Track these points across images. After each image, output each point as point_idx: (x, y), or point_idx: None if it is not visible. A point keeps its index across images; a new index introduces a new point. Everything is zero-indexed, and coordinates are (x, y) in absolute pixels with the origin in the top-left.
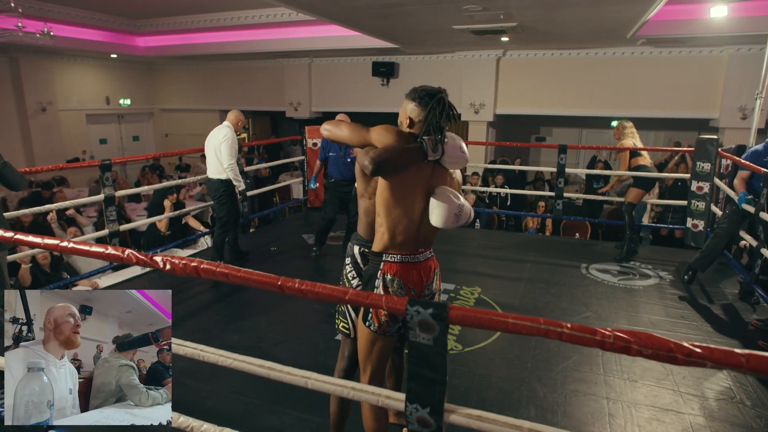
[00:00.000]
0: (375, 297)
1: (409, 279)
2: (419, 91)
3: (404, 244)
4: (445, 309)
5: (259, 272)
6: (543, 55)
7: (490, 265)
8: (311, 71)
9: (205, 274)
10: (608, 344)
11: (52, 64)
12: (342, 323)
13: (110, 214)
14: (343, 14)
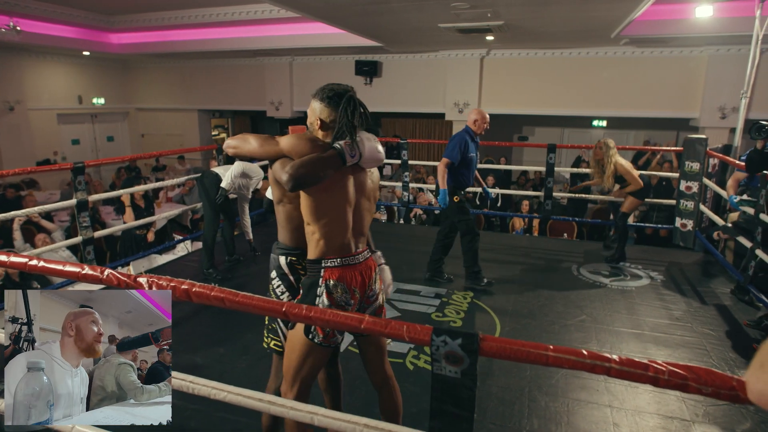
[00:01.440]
0: (395, 327)
1: (352, 282)
2: (327, 91)
3: (342, 248)
4: (475, 340)
5: (260, 297)
6: (527, 54)
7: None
8: (293, 70)
9: (198, 299)
10: (662, 381)
11: (20, 62)
12: (273, 341)
13: (83, 221)
14: (327, 11)
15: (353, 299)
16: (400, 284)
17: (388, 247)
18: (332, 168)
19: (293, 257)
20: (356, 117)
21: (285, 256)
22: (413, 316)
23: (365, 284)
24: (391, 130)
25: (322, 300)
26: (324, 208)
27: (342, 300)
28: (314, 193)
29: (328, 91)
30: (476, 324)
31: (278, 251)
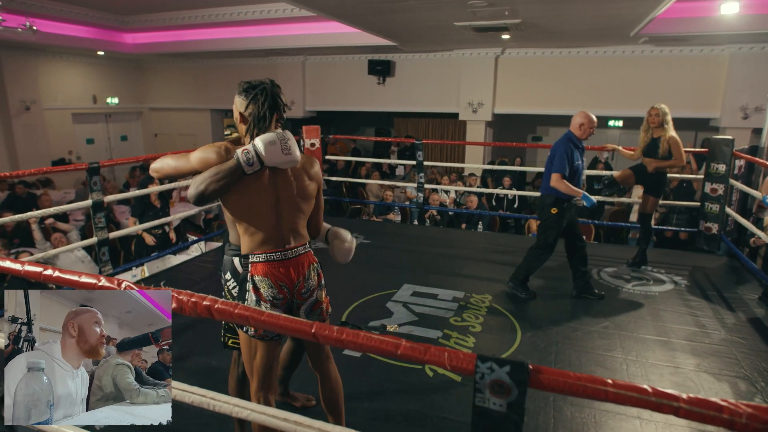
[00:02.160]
0: (436, 354)
1: (279, 277)
2: (244, 84)
3: (266, 242)
4: (525, 369)
5: (286, 317)
6: (543, 53)
7: (499, 271)
8: (305, 69)
9: (220, 316)
10: (739, 425)
11: (36, 62)
12: (232, 339)
13: (99, 221)
14: (342, 10)
15: (281, 294)
16: (417, 287)
17: (402, 249)
18: (232, 178)
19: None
20: (266, 107)
21: (239, 257)
22: (430, 320)
23: (294, 280)
24: (403, 130)
25: (250, 295)
26: (242, 209)
27: (269, 295)
28: (229, 198)
29: (245, 83)
30: (496, 329)
31: (231, 252)
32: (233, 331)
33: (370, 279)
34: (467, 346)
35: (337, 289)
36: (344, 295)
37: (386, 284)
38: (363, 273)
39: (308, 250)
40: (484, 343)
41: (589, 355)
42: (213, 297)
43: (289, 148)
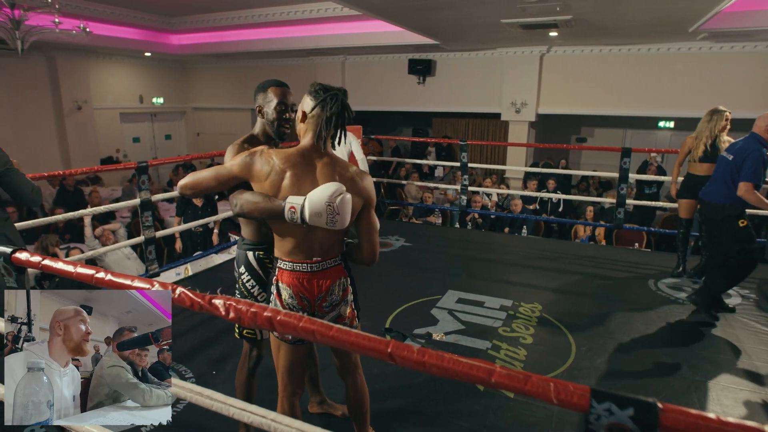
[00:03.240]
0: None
1: (301, 289)
2: (317, 85)
3: (295, 252)
4: (654, 411)
5: (358, 333)
6: (590, 51)
7: (547, 278)
8: (345, 69)
9: (283, 329)
10: None
11: (87, 63)
12: (246, 329)
13: (146, 220)
14: (388, 7)
15: (300, 305)
16: (462, 293)
17: (444, 253)
18: (270, 216)
19: (261, 252)
20: (334, 113)
21: (253, 251)
22: (477, 329)
23: (315, 294)
24: (442, 131)
25: (273, 299)
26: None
27: (288, 304)
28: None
29: (317, 84)
30: (548, 342)
31: (245, 247)
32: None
33: (413, 284)
34: (518, 359)
35: (380, 294)
36: (387, 301)
37: (430, 290)
38: (406, 277)
39: (338, 263)
40: (537, 356)
41: (652, 374)
42: (273, 308)
43: (334, 222)
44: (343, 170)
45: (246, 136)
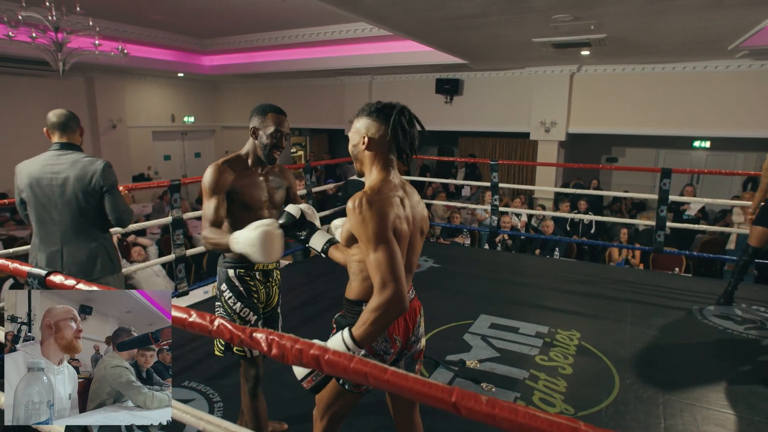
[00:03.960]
0: None
1: (395, 329)
2: (376, 104)
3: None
4: None
5: (416, 378)
6: (623, 70)
7: (583, 303)
8: (372, 89)
9: (331, 369)
10: None
11: (123, 83)
12: (236, 347)
13: (177, 238)
14: (417, 27)
15: (393, 348)
16: (495, 318)
17: (475, 275)
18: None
19: (241, 270)
20: (413, 128)
21: (234, 269)
22: (513, 357)
23: (409, 330)
24: (469, 149)
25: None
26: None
27: (381, 349)
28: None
29: (377, 103)
30: (589, 373)
31: (225, 265)
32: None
33: (443, 307)
34: (558, 390)
35: None
36: None
37: (462, 314)
38: (436, 300)
39: (415, 292)
40: (578, 388)
41: (707, 413)
42: (321, 344)
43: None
44: (413, 190)
45: (230, 156)
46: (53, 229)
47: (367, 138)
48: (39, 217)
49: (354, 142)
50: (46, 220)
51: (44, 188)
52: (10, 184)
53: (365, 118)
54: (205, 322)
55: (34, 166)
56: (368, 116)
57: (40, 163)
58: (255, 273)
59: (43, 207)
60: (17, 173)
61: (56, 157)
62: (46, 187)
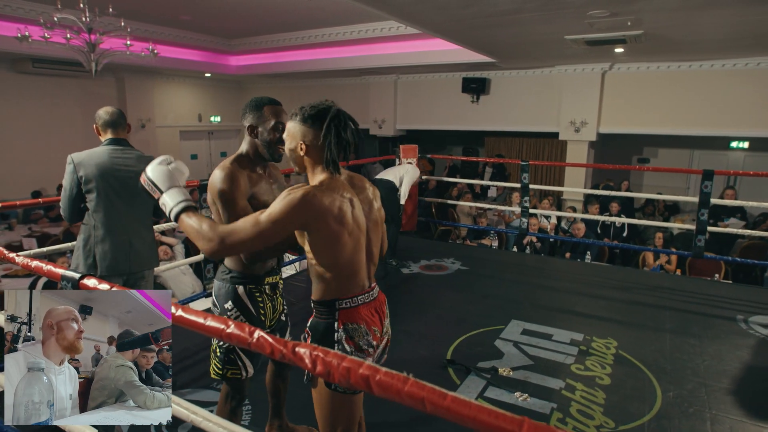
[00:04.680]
0: None
1: (372, 322)
2: (308, 109)
3: (357, 284)
4: None
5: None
6: (657, 68)
7: (619, 310)
8: (397, 88)
9: (383, 391)
10: None
11: (152, 84)
12: (231, 371)
13: None
14: (447, 25)
15: (375, 339)
16: (527, 324)
17: (503, 278)
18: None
19: (251, 286)
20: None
21: (243, 286)
22: (548, 365)
23: (381, 321)
24: (495, 150)
25: (342, 346)
26: (339, 255)
27: (365, 344)
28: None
29: (309, 108)
30: (629, 384)
31: (233, 280)
32: (233, 363)
33: (473, 311)
34: (597, 402)
35: (438, 321)
36: (446, 329)
37: (492, 319)
38: (465, 304)
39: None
40: (617, 400)
41: (756, 428)
42: (371, 364)
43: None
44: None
45: (234, 156)
46: (123, 220)
47: (304, 145)
48: (110, 207)
49: (290, 147)
50: (119, 210)
51: (120, 179)
52: (44, 182)
53: (299, 124)
54: (244, 334)
55: (102, 157)
56: (302, 123)
57: (108, 156)
58: (264, 287)
59: (118, 196)
60: (80, 163)
61: (120, 151)
62: (122, 178)
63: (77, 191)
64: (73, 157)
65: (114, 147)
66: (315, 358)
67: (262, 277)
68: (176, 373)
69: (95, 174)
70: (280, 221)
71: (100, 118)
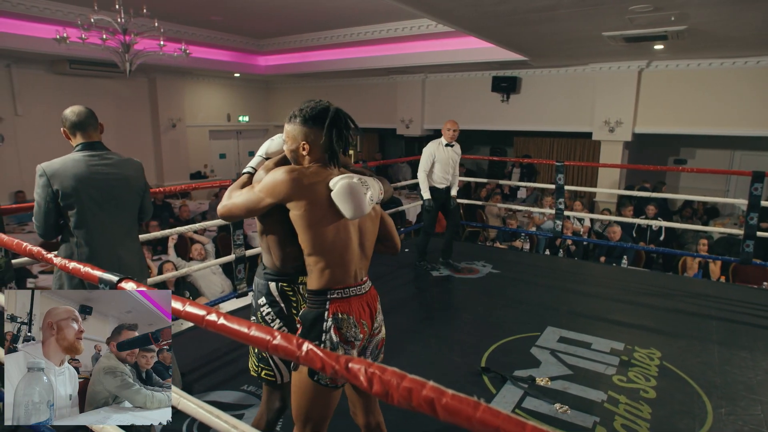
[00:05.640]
0: None
1: (361, 314)
2: (308, 110)
3: (346, 277)
4: None
5: (509, 416)
6: (698, 65)
7: (661, 319)
8: (425, 87)
9: (449, 416)
10: None
11: (183, 84)
12: (265, 371)
13: (237, 238)
14: (481, 22)
15: (362, 333)
16: (563, 331)
17: (537, 282)
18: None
19: (284, 283)
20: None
21: (276, 282)
22: (588, 375)
23: (372, 315)
24: (524, 150)
25: (330, 336)
26: (326, 242)
27: (351, 335)
28: (312, 231)
29: (308, 109)
30: (676, 398)
31: (267, 277)
32: (266, 362)
33: (507, 317)
34: (642, 417)
35: (471, 327)
36: (479, 335)
37: (527, 325)
38: (498, 309)
39: (370, 282)
40: (665, 415)
41: None
42: (436, 385)
43: (353, 210)
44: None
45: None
46: (109, 233)
47: (307, 145)
48: (94, 222)
49: (291, 147)
50: (104, 224)
51: (102, 189)
52: None
53: (300, 126)
54: (292, 346)
55: (79, 167)
56: (303, 124)
57: (85, 164)
58: (299, 286)
59: (101, 209)
60: (54, 175)
61: (97, 157)
62: (104, 188)
63: (54, 206)
64: (45, 168)
65: (89, 153)
66: (371, 375)
67: (295, 276)
68: (206, 374)
69: (74, 186)
70: (265, 191)
71: (67, 119)
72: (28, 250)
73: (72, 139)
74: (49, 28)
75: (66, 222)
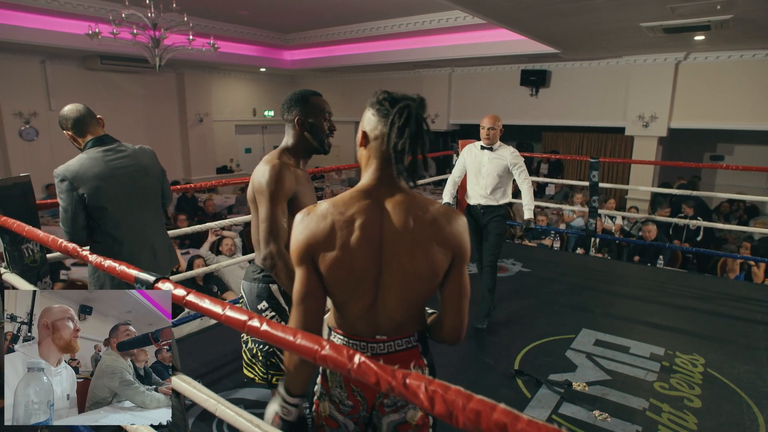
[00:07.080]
0: None
1: (356, 380)
2: (381, 94)
3: (352, 323)
4: None
5: None
6: (740, 57)
7: (703, 323)
8: (451, 81)
9: None
10: None
11: (210, 78)
12: (275, 376)
13: None
14: (513, 13)
15: (351, 401)
16: (599, 334)
17: (569, 282)
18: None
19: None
20: (405, 132)
21: (277, 284)
22: (627, 381)
23: (375, 390)
24: (552, 146)
25: (317, 380)
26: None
27: (336, 396)
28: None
29: (382, 94)
30: (724, 408)
31: (265, 279)
32: (277, 368)
33: (540, 318)
34: (688, 427)
35: (503, 328)
36: (512, 336)
37: (561, 327)
38: (530, 310)
39: (413, 346)
40: (713, 427)
41: None
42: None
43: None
44: (420, 211)
45: (280, 151)
46: (141, 227)
47: (362, 132)
48: (127, 219)
49: (357, 138)
50: (136, 218)
51: (126, 184)
52: None
53: (368, 109)
54: (342, 357)
55: (98, 165)
56: (370, 107)
57: (103, 161)
58: None
59: (130, 203)
60: (76, 178)
61: (113, 151)
62: (128, 182)
63: (81, 209)
64: (64, 172)
65: (103, 149)
66: (432, 394)
67: None
68: (233, 371)
69: (98, 186)
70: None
71: (68, 119)
72: (64, 247)
73: (80, 138)
74: (81, 24)
75: (97, 223)
